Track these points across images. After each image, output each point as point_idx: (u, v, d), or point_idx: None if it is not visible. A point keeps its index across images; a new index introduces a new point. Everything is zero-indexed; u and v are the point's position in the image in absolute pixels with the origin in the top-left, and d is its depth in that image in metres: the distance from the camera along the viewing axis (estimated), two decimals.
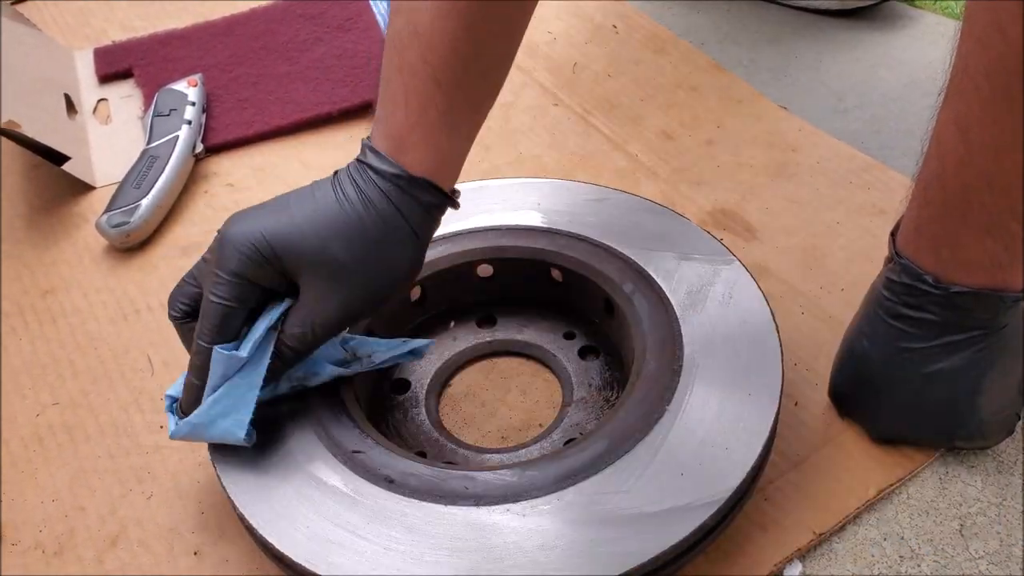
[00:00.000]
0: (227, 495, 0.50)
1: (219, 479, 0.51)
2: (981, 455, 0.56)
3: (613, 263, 0.60)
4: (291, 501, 0.49)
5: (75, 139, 0.83)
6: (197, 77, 0.86)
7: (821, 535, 0.52)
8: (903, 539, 0.53)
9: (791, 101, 0.85)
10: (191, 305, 0.51)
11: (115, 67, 0.92)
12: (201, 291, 0.50)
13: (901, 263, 0.50)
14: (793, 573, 0.51)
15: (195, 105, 0.83)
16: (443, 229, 0.64)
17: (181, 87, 0.84)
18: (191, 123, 0.81)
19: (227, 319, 0.48)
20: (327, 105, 0.85)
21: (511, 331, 0.64)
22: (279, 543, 0.47)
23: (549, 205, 0.65)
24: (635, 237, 0.62)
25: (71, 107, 0.87)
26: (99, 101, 0.90)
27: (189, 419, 0.50)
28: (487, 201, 0.66)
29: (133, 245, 0.74)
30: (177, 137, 0.80)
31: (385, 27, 0.94)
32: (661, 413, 0.51)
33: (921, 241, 0.50)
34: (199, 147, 0.81)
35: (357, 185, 0.49)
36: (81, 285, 0.72)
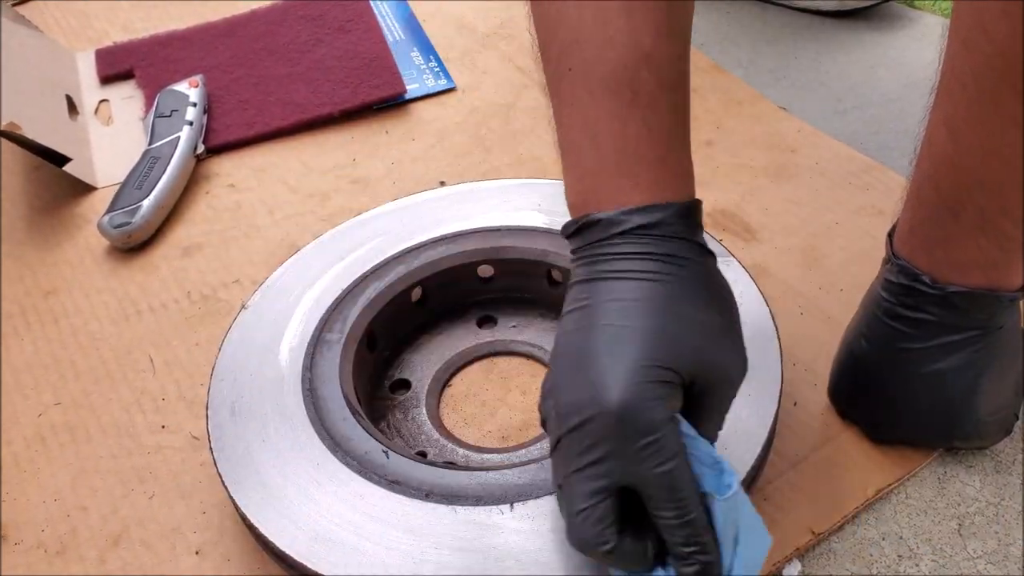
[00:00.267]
0: (229, 494, 0.50)
1: (221, 478, 0.51)
2: (979, 455, 0.57)
3: None
4: (293, 501, 0.49)
5: (77, 140, 0.83)
6: (198, 78, 0.86)
7: (820, 535, 0.53)
8: (902, 539, 0.53)
9: (791, 102, 0.86)
10: (615, 520, 0.40)
11: (116, 68, 0.92)
12: (612, 499, 0.40)
13: (898, 264, 0.50)
14: (792, 573, 0.52)
15: (196, 106, 0.83)
16: (444, 230, 0.65)
17: (182, 88, 0.85)
18: (192, 124, 0.81)
19: (687, 471, 0.39)
20: (328, 106, 0.85)
21: (511, 331, 0.65)
22: (281, 542, 0.47)
23: (549, 206, 0.66)
24: None
25: (73, 108, 0.87)
26: (101, 102, 0.90)
27: None
28: (488, 202, 0.67)
29: (135, 246, 0.75)
30: (178, 138, 0.80)
31: (386, 28, 0.95)
32: None
33: (916, 242, 0.50)
34: (200, 148, 0.82)
35: (644, 254, 0.41)
36: (83, 286, 0.72)
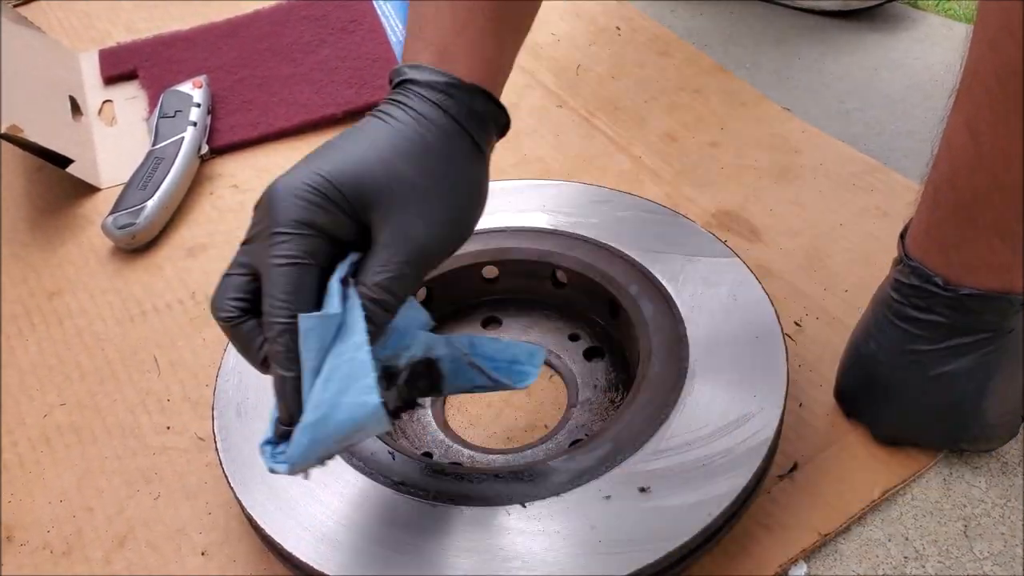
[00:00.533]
0: (234, 495, 0.50)
1: (227, 479, 0.51)
2: (985, 456, 0.56)
3: (618, 265, 0.61)
4: (299, 501, 0.49)
5: (80, 141, 0.83)
6: (202, 79, 0.86)
7: (826, 536, 0.53)
8: (908, 540, 0.53)
9: (794, 103, 0.86)
10: (245, 299, 0.42)
11: (120, 68, 0.92)
12: (252, 278, 0.42)
13: (910, 265, 0.50)
14: (798, 574, 0.52)
15: (200, 107, 0.83)
16: None
17: (186, 89, 0.85)
18: (196, 125, 0.81)
19: (301, 280, 0.40)
20: (332, 107, 0.85)
21: (516, 332, 0.64)
22: (287, 543, 0.48)
23: (553, 207, 0.66)
24: (639, 239, 0.62)
25: (76, 109, 0.87)
26: (104, 102, 0.90)
27: (304, 421, 0.40)
28: (492, 203, 0.66)
29: (139, 246, 0.75)
30: (182, 139, 0.80)
31: (390, 29, 0.95)
32: (667, 415, 0.51)
33: (931, 243, 0.50)
34: (204, 148, 0.82)
35: (405, 105, 0.44)
36: (87, 286, 0.72)
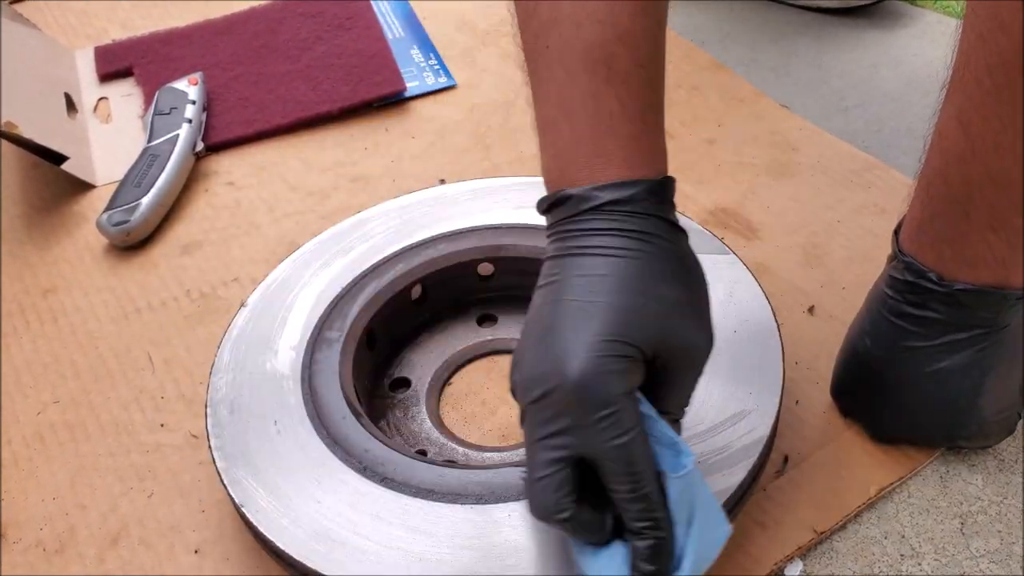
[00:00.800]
0: (228, 493, 0.50)
1: (220, 477, 0.51)
2: (982, 454, 0.56)
3: None
4: (292, 499, 0.49)
5: (76, 138, 0.83)
6: (198, 76, 0.86)
7: (822, 533, 0.52)
8: (904, 537, 0.53)
9: (792, 100, 0.85)
10: (572, 489, 0.40)
11: (116, 66, 0.92)
12: (570, 469, 0.40)
13: (904, 261, 0.50)
14: (794, 572, 0.51)
15: (196, 104, 0.83)
16: (443, 228, 0.65)
17: (182, 86, 0.84)
18: (192, 122, 0.81)
19: (645, 447, 0.40)
20: (327, 104, 0.85)
21: (512, 329, 0.64)
22: (280, 541, 0.47)
23: None
24: None
25: (72, 106, 0.87)
26: (100, 100, 0.90)
27: (688, 561, 0.40)
28: (488, 200, 0.66)
29: (134, 244, 0.74)
30: (178, 136, 0.80)
31: (386, 26, 0.94)
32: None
33: (924, 238, 0.49)
34: (200, 146, 0.81)
35: (613, 230, 0.41)
36: (82, 284, 0.72)
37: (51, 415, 0.63)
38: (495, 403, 0.61)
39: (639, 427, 0.40)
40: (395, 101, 0.87)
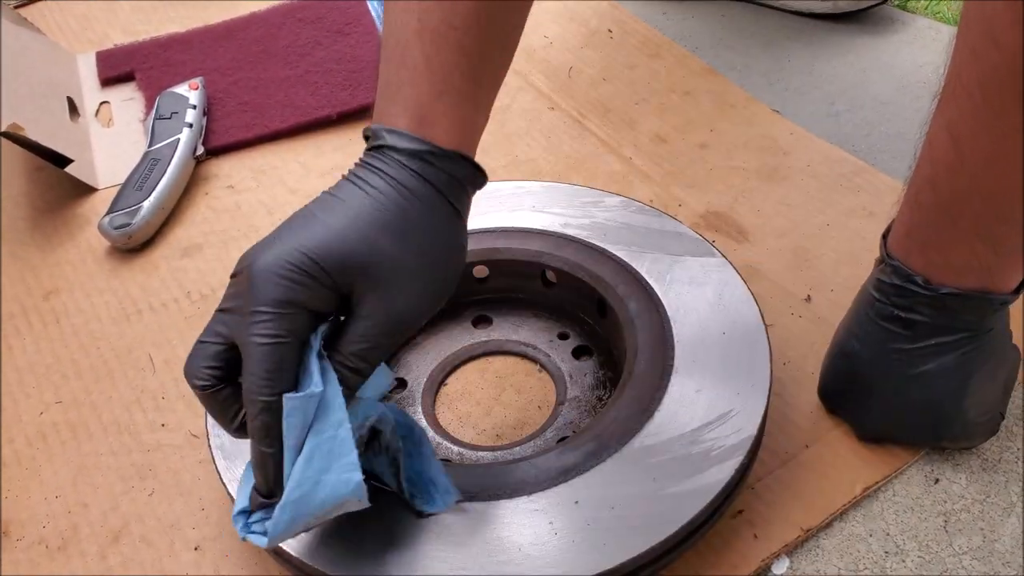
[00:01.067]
0: (227, 491, 0.51)
1: (219, 475, 0.52)
2: (965, 453, 0.57)
3: (606, 265, 0.62)
4: None
5: (78, 142, 0.84)
6: (198, 80, 0.87)
7: (808, 531, 0.54)
8: (889, 535, 0.54)
9: (784, 105, 0.87)
10: (220, 367, 0.43)
11: (117, 70, 0.93)
12: (227, 346, 0.43)
13: (892, 265, 0.51)
14: (781, 569, 0.52)
15: (196, 108, 0.84)
16: None
17: (182, 90, 0.85)
18: (192, 126, 0.82)
19: (283, 360, 0.41)
20: (326, 108, 0.86)
21: (506, 331, 0.65)
22: None
23: (544, 207, 0.66)
24: (628, 239, 0.63)
25: (74, 110, 0.88)
26: (101, 104, 0.91)
27: (286, 498, 0.41)
28: (483, 204, 0.67)
29: (135, 246, 0.76)
30: (178, 140, 0.81)
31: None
32: (651, 412, 0.52)
33: (912, 244, 0.50)
34: (200, 150, 0.82)
35: (383, 172, 0.44)
36: (84, 286, 0.73)
37: (53, 415, 0.64)
38: (489, 403, 0.62)
39: (292, 342, 0.41)
40: None
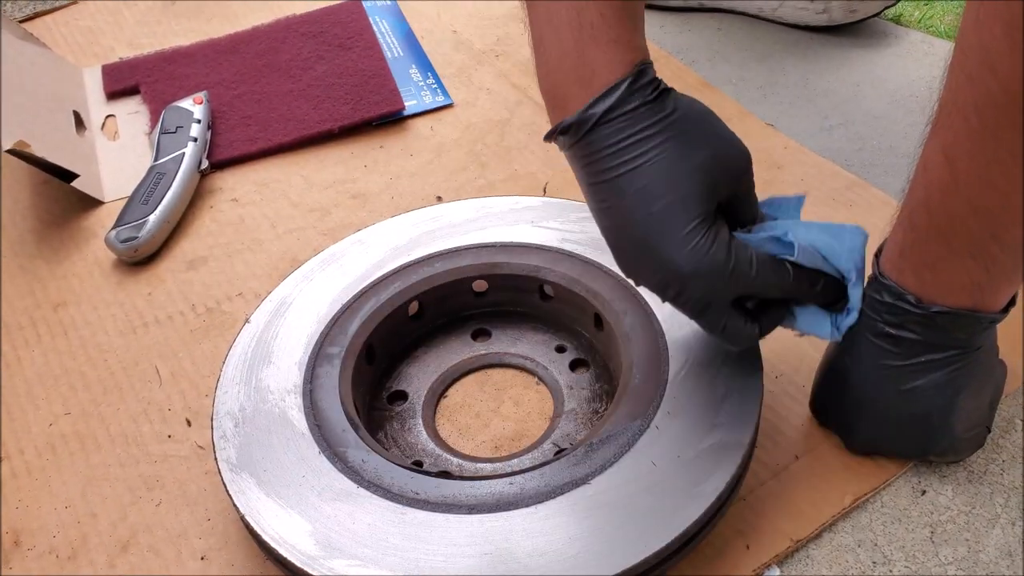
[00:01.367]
0: (232, 502, 0.53)
1: (225, 487, 0.53)
2: (953, 466, 0.58)
3: (603, 279, 0.63)
4: (294, 508, 0.51)
5: (84, 155, 0.85)
6: (202, 95, 0.88)
7: (799, 541, 0.55)
8: (876, 546, 0.55)
9: (778, 118, 0.88)
10: (744, 316, 0.52)
11: (123, 84, 0.95)
12: (724, 308, 0.50)
13: (884, 283, 0.52)
14: None
15: (200, 123, 0.85)
16: (440, 246, 0.67)
17: (187, 105, 0.87)
18: (196, 140, 0.84)
19: (769, 267, 0.50)
20: (329, 122, 0.88)
21: (505, 344, 0.67)
22: (283, 549, 0.50)
23: (542, 222, 0.68)
24: None
25: (80, 124, 0.89)
26: (107, 117, 0.92)
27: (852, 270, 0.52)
28: (482, 219, 0.69)
29: (141, 259, 0.77)
30: (183, 154, 0.82)
31: (386, 46, 0.97)
32: (646, 425, 0.54)
33: (905, 264, 0.51)
34: (204, 163, 0.84)
35: (619, 143, 0.47)
36: (91, 298, 0.75)
37: (62, 426, 0.65)
38: (488, 415, 0.63)
39: (750, 255, 0.49)
40: (394, 120, 0.89)
